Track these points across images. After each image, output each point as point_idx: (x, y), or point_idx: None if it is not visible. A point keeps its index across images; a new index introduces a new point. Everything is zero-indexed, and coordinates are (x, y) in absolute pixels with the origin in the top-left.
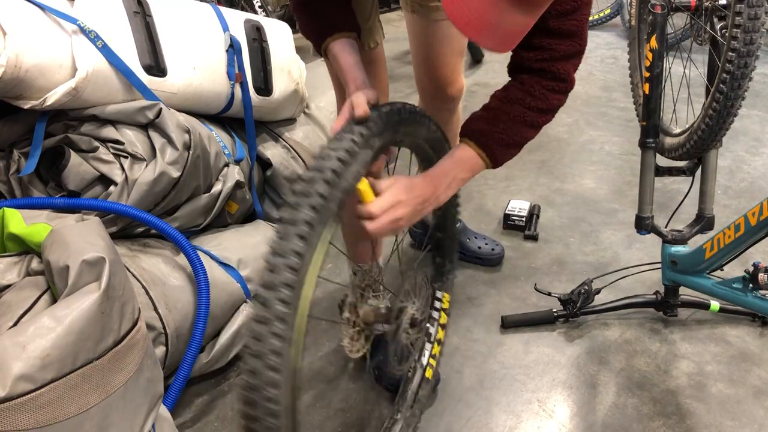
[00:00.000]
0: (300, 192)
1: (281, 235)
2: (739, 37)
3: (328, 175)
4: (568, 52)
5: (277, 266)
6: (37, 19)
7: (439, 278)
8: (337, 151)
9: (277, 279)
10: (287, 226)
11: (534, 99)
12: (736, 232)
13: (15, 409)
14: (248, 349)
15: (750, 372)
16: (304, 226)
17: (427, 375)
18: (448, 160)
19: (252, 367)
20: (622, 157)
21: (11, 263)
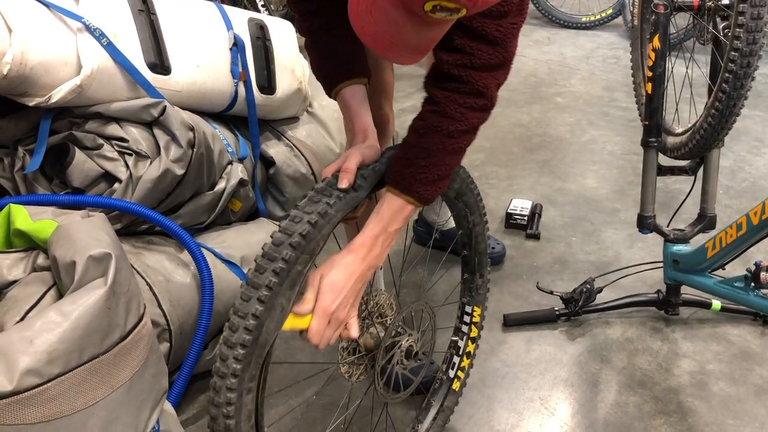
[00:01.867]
0: (266, 254)
1: (243, 297)
2: (741, 36)
3: (295, 239)
4: (489, 61)
5: (237, 326)
6: (42, 17)
7: (468, 294)
8: (309, 214)
9: (234, 338)
10: (250, 289)
11: (451, 121)
12: (737, 232)
13: (22, 403)
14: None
15: (751, 371)
16: (264, 291)
17: (454, 387)
18: (375, 219)
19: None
20: (624, 156)
21: (17, 259)
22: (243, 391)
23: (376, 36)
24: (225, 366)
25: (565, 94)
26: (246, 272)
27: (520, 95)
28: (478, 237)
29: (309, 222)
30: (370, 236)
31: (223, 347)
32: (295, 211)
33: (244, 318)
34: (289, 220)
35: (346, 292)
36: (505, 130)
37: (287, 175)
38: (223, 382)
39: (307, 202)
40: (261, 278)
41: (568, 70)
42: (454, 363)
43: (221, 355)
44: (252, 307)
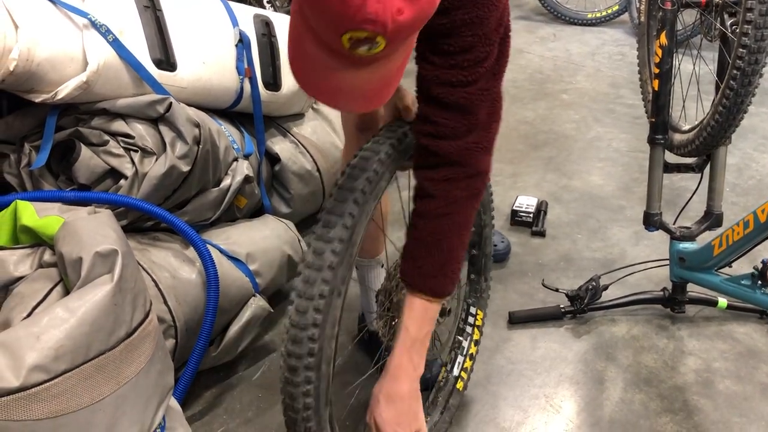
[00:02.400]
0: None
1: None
2: (749, 33)
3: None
4: (455, 129)
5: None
6: (48, 13)
7: (473, 294)
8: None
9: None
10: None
11: (434, 201)
12: (745, 229)
13: (29, 399)
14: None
15: (757, 369)
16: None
17: (458, 386)
18: (403, 336)
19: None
20: (630, 153)
21: (24, 255)
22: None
23: (317, 84)
24: (320, 259)
25: (570, 91)
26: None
27: (526, 92)
28: (487, 238)
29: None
30: (404, 355)
31: (308, 271)
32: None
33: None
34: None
35: (402, 417)
36: (510, 127)
37: (292, 171)
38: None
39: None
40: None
41: (574, 67)
42: (458, 362)
43: (307, 278)
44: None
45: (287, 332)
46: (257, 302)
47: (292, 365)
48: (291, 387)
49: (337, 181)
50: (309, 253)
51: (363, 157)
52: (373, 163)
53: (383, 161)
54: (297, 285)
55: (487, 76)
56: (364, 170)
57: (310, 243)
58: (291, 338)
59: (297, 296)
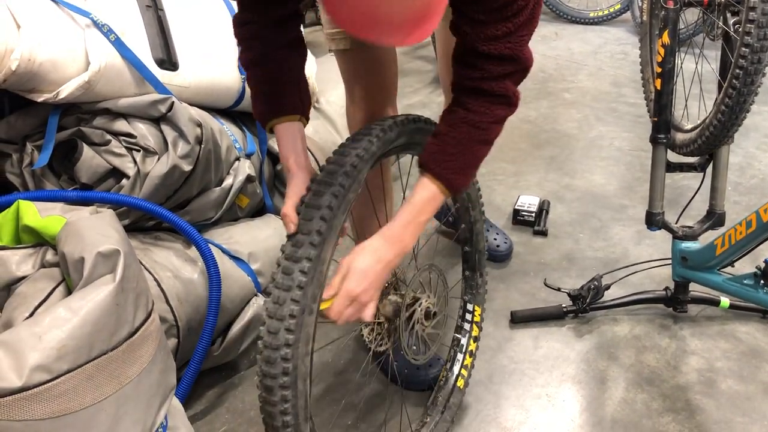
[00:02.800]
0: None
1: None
2: (752, 32)
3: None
4: (502, 72)
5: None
6: (50, 13)
7: (469, 291)
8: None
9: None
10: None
11: (477, 115)
12: (747, 229)
13: (31, 399)
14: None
15: (760, 368)
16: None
17: (459, 384)
18: (406, 208)
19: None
20: (632, 153)
21: (26, 255)
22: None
23: (352, 10)
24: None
25: (572, 90)
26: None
27: (528, 91)
28: (478, 235)
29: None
30: (401, 224)
31: (277, 291)
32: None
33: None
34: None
35: (372, 277)
36: (512, 126)
37: None
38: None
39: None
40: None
41: (576, 66)
42: (458, 360)
43: (285, 269)
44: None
45: (260, 353)
46: (259, 302)
47: (268, 385)
48: (269, 406)
49: (302, 198)
50: (278, 273)
51: (328, 171)
52: (338, 177)
53: (349, 173)
54: (267, 306)
55: (526, 22)
56: (329, 185)
57: (279, 262)
58: (264, 359)
59: (268, 317)
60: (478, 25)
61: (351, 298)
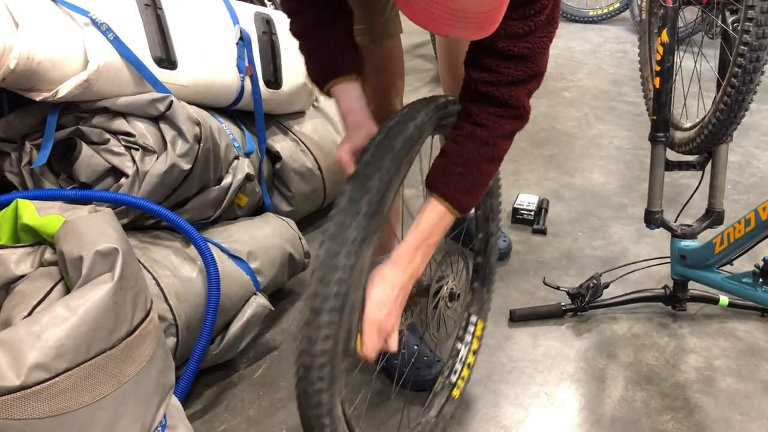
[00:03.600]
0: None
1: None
2: (751, 30)
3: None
4: (517, 77)
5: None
6: (49, 12)
7: (476, 304)
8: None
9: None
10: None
11: (485, 129)
12: (746, 227)
13: (30, 397)
14: None
15: (759, 367)
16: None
17: (454, 394)
18: (415, 230)
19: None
20: (631, 151)
21: (25, 254)
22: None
23: (423, 6)
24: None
25: (572, 89)
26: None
27: None
28: (492, 248)
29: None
30: (411, 248)
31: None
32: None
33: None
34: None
35: (390, 304)
36: None
37: (293, 169)
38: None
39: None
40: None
41: (575, 65)
42: (455, 370)
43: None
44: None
45: (313, 273)
46: (258, 300)
47: (316, 306)
48: (311, 330)
49: (362, 154)
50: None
51: (389, 133)
52: (398, 141)
53: (408, 140)
54: (328, 228)
55: (545, 23)
56: (391, 148)
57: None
58: (318, 279)
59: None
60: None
61: (375, 327)
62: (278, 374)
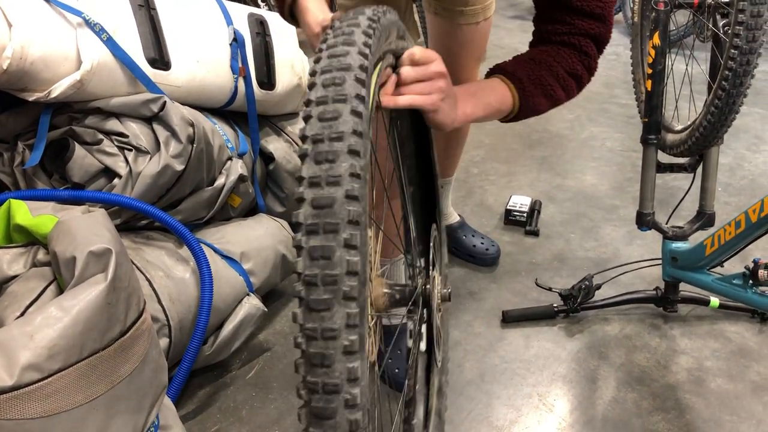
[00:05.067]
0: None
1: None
2: (741, 34)
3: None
4: (590, 31)
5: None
6: (42, 12)
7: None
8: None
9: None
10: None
11: (559, 56)
12: (736, 229)
13: (22, 398)
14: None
15: (749, 368)
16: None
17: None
18: (473, 82)
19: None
20: (623, 153)
21: (17, 254)
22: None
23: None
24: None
25: None
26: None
27: None
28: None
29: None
30: (468, 87)
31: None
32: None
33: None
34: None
35: (448, 82)
36: (504, 126)
37: (287, 170)
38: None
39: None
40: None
41: None
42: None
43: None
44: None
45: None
46: (251, 301)
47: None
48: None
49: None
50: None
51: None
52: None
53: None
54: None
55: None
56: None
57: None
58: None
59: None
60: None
61: (437, 71)
62: (271, 375)
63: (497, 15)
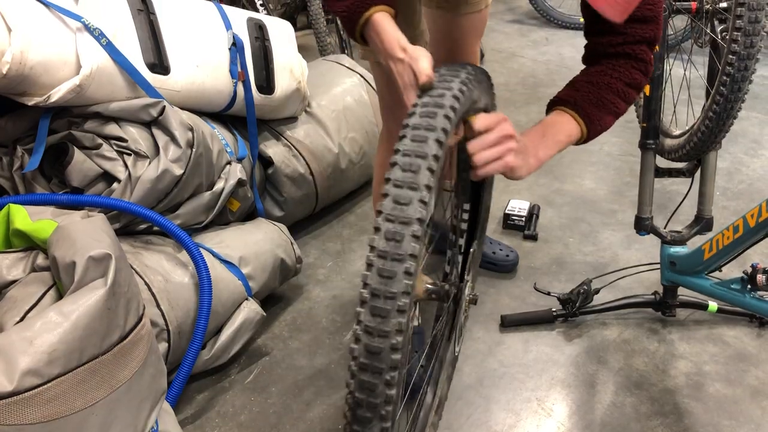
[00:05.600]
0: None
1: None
2: (739, 40)
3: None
4: (643, 36)
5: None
6: (42, 17)
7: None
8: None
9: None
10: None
11: (616, 72)
12: (734, 234)
13: (22, 403)
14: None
15: (747, 372)
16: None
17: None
18: (540, 123)
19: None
20: (622, 158)
21: (17, 259)
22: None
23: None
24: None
25: None
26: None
27: (519, 96)
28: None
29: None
30: (538, 131)
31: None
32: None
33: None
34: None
35: (518, 139)
36: None
37: (285, 174)
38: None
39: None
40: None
41: (567, 71)
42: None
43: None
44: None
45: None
46: (250, 306)
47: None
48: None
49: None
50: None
51: (450, 67)
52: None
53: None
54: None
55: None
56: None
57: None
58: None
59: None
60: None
61: (503, 130)
62: (270, 379)
63: (496, 19)
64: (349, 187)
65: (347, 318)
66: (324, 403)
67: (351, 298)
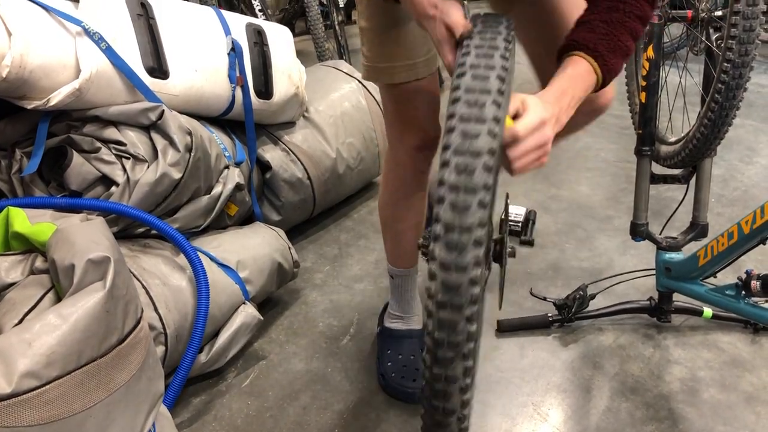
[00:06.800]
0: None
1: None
2: (734, 48)
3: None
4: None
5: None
6: (41, 20)
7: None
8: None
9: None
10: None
11: (627, 5)
12: (729, 240)
13: (20, 405)
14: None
15: (742, 378)
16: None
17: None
18: (563, 77)
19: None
20: (618, 164)
21: (15, 261)
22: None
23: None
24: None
25: None
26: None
27: None
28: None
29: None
30: (560, 91)
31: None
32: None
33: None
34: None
35: (551, 118)
36: None
37: (283, 179)
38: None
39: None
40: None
41: None
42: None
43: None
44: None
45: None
46: (247, 310)
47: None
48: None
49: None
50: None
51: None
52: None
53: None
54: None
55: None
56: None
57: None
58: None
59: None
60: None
61: (539, 122)
62: (266, 383)
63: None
64: (347, 192)
65: (344, 322)
66: (320, 407)
67: (348, 302)
